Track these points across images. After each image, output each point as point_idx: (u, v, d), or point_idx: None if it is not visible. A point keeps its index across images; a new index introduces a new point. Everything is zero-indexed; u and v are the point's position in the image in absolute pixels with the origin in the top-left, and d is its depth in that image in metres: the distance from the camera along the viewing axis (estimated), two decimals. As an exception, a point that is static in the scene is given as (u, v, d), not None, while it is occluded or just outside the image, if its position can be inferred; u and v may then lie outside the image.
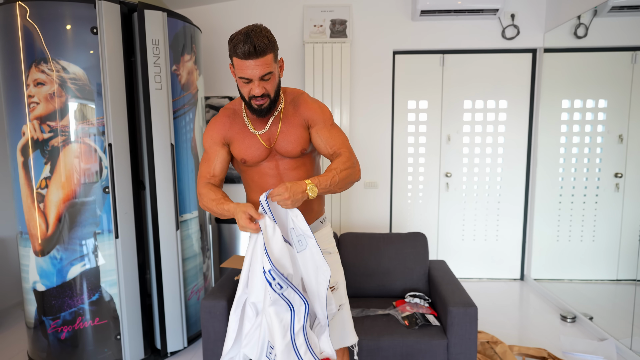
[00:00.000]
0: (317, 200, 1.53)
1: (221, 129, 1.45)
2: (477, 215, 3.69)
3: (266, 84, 1.31)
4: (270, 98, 1.34)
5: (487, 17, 3.38)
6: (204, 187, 1.42)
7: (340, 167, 1.34)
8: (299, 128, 1.43)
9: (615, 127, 3.13)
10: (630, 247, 2.97)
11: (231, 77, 3.57)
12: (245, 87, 1.31)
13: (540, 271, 3.55)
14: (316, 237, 1.52)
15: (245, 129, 1.44)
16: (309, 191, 1.27)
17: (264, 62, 1.26)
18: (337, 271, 1.55)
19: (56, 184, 2.09)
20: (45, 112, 2.06)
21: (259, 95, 1.30)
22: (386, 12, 3.46)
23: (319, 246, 1.33)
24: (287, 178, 1.46)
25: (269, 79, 1.30)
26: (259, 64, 1.26)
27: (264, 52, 1.25)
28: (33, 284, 2.18)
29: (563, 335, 2.67)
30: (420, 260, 2.38)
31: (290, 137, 1.42)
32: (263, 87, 1.30)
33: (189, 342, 2.51)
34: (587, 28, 3.06)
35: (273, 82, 1.33)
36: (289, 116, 1.43)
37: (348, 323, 1.56)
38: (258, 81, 1.29)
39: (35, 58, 2.03)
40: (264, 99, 1.32)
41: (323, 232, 1.57)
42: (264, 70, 1.27)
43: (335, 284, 1.52)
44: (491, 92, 3.56)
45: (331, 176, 1.31)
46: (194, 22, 2.59)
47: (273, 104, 1.36)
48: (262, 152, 1.43)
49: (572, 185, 3.35)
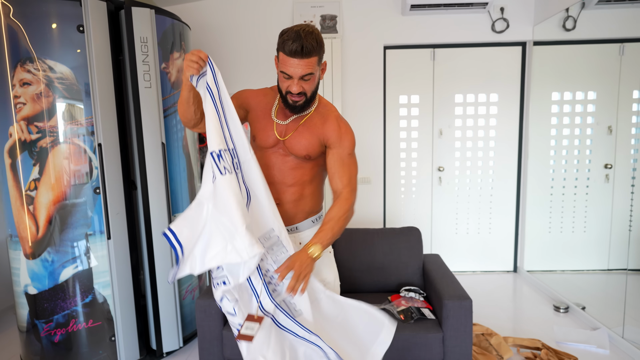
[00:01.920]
0: (309, 202, 1.53)
1: (251, 96, 1.52)
2: (469, 209, 3.72)
3: (305, 84, 1.35)
4: (306, 97, 1.38)
5: (477, 10, 3.39)
6: None
7: (338, 215, 1.41)
8: (315, 138, 1.45)
9: (605, 119, 3.17)
10: (621, 237, 3.02)
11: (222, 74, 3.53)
12: (284, 82, 1.35)
13: (533, 263, 3.59)
14: (303, 237, 1.52)
15: (269, 111, 1.49)
16: (315, 255, 1.34)
17: (308, 63, 1.30)
18: (326, 269, 1.54)
19: (46, 186, 2.06)
20: (33, 112, 2.02)
21: (296, 92, 1.34)
22: (376, 7, 3.45)
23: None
24: (286, 175, 1.48)
25: (309, 79, 1.34)
26: (302, 64, 1.29)
27: (310, 54, 1.29)
28: (24, 287, 2.15)
29: (556, 325, 2.70)
30: (414, 255, 2.39)
31: (302, 140, 1.45)
32: (301, 86, 1.34)
33: (185, 342, 2.50)
34: (576, 21, 3.08)
35: (312, 83, 1.37)
36: (312, 124, 1.45)
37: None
38: (298, 80, 1.32)
39: (20, 57, 1.99)
40: (300, 97, 1.37)
41: (313, 231, 1.52)
42: (306, 70, 1.31)
43: (323, 282, 1.50)
44: (482, 86, 3.57)
45: (331, 228, 1.39)
46: (182, 19, 2.56)
47: (308, 103, 1.40)
48: (272, 139, 1.47)
49: (563, 177, 3.39)
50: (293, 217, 1.51)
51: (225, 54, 3.52)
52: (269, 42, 3.49)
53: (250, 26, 3.49)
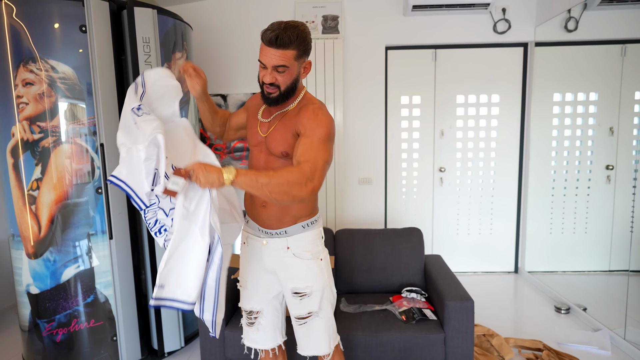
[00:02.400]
0: (295, 205, 1.44)
1: (250, 99, 1.61)
2: (471, 210, 3.72)
3: (278, 76, 1.34)
4: (280, 91, 1.36)
5: (479, 11, 3.39)
6: None
7: (283, 173, 1.23)
8: (288, 132, 1.40)
9: (606, 120, 3.16)
10: (622, 238, 3.02)
11: (224, 74, 3.55)
12: (260, 71, 1.37)
13: (534, 264, 3.59)
14: (291, 241, 1.46)
15: (258, 110, 1.53)
16: (224, 174, 1.18)
17: (283, 55, 1.30)
18: (313, 276, 1.47)
19: (48, 185, 2.06)
20: (35, 112, 2.03)
21: (268, 83, 1.34)
22: (378, 8, 3.45)
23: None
24: None
25: (283, 71, 1.33)
26: (277, 54, 1.30)
27: (285, 45, 1.29)
28: (26, 287, 2.15)
29: (558, 326, 2.70)
30: (416, 255, 2.39)
31: (277, 136, 1.43)
32: (275, 77, 1.34)
33: (186, 342, 2.50)
34: (578, 22, 3.08)
35: (287, 77, 1.35)
36: (289, 118, 1.42)
37: (317, 332, 1.51)
38: (271, 70, 1.33)
39: (23, 57, 1.99)
40: (273, 89, 1.36)
41: (302, 237, 1.47)
42: (279, 61, 1.30)
43: (308, 290, 1.47)
44: (483, 87, 3.57)
45: (262, 175, 1.21)
46: (184, 19, 2.56)
47: (283, 97, 1.38)
48: (256, 138, 1.50)
49: (565, 178, 3.38)
50: (280, 221, 1.45)
51: (226, 53, 3.52)
52: (270, 42, 3.49)
53: (251, 26, 3.49)
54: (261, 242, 1.51)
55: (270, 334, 1.60)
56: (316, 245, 1.51)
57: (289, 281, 1.50)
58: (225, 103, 3.54)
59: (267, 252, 1.51)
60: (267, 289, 1.58)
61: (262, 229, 1.50)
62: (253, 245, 1.55)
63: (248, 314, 1.60)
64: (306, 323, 1.51)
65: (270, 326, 1.60)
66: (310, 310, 1.50)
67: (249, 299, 1.59)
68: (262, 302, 1.58)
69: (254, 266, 1.56)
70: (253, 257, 1.56)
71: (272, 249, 1.50)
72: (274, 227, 1.48)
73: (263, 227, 1.50)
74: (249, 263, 1.57)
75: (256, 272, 1.56)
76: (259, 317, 1.59)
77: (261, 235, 1.51)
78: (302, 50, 1.33)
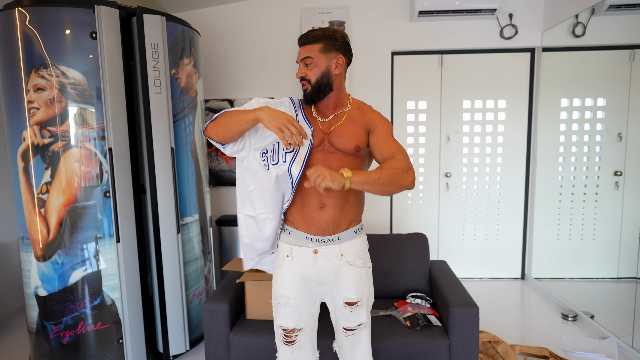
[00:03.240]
0: (354, 206, 1.48)
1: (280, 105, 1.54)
2: (477, 215, 3.70)
3: (307, 70, 1.43)
4: (311, 84, 1.43)
5: (485, 17, 3.39)
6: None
7: (388, 166, 1.29)
8: (360, 127, 1.46)
9: (615, 126, 3.14)
10: (631, 245, 2.98)
11: (231, 79, 3.58)
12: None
13: (541, 270, 3.56)
14: (344, 248, 1.46)
15: (309, 112, 1.52)
16: (345, 175, 1.21)
17: (309, 49, 1.42)
18: (364, 285, 1.48)
19: (57, 189, 2.10)
20: (46, 117, 2.06)
21: (298, 77, 1.45)
22: (384, 13, 3.47)
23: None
24: None
25: (310, 64, 1.42)
26: (304, 49, 1.43)
27: (312, 41, 1.41)
28: (35, 289, 2.18)
29: (564, 334, 2.67)
30: (421, 261, 2.39)
31: (349, 131, 1.44)
32: (304, 71, 1.43)
33: (191, 345, 2.52)
34: (585, 27, 3.07)
35: (314, 70, 1.42)
36: (354, 117, 1.48)
37: (363, 344, 1.52)
38: (301, 65, 1.44)
39: (35, 63, 2.03)
40: (305, 83, 1.44)
41: (354, 243, 1.48)
42: (305, 54, 1.42)
43: (359, 300, 1.47)
44: (490, 92, 3.56)
45: (373, 173, 1.25)
46: (192, 26, 2.60)
47: (315, 93, 1.44)
48: (317, 137, 1.46)
49: (572, 184, 3.36)
50: (337, 224, 1.45)
51: (234, 59, 3.56)
52: (277, 48, 3.52)
53: (259, 32, 3.52)
54: (311, 252, 1.46)
55: (310, 350, 1.55)
56: (365, 252, 1.53)
57: (342, 291, 1.46)
58: (232, 108, 3.57)
59: (319, 262, 1.46)
60: (311, 303, 1.52)
61: (312, 236, 1.45)
62: (300, 257, 1.47)
63: (288, 332, 1.50)
64: (354, 335, 1.50)
65: (309, 342, 1.54)
66: (361, 322, 1.49)
67: (291, 316, 1.49)
68: (305, 318, 1.51)
69: (299, 280, 1.48)
70: (300, 269, 1.48)
71: (324, 258, 1.45)
72: (328, 232, 1.45)
73: (315, 235, 1.45)
74: (294, 277, 1.48)
75: (302, 287, 1.49)
76: (300, 334, 1.51)
77: (310, 244, 1.46)
78: (330, 45, 1.41)
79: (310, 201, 1.44)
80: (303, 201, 1.45)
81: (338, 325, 1.53)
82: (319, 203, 1.43)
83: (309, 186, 1.23)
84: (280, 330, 1.52)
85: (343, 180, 1.20)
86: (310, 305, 1.52)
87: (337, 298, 1.48)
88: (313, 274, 1.48)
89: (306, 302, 1.50)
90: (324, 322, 1.86)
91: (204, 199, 2.69)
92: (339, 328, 1.52)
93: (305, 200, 1.45)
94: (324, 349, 1.86)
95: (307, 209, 1.45)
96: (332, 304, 1.53)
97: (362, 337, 1.51)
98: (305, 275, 1.48)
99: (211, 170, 3.63)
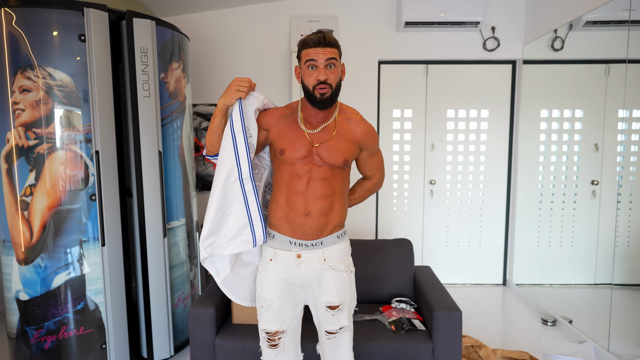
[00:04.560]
0: (338, 214, 1.52)
1: (268, 115, 1.53)
2: (460, 222, 3.77)
3: (329, 73, 1.38)
4: (332, 89, 1.40)
5: (469, 29, 3.49)
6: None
7: (364, 189, 1.72)
8: (350, 143, 1.49)
9: (591, 136, 3.25)
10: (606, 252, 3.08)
11: (219, 84, 3.59)
12: (311, 75, 1.39)
13: (521, 276, 3.64)
14: (327, 252, 1.50)
15: (295, 124, 1.50)
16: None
17: (331, 51, 1.38)
18: (346, 289, 1.51)
19: (41, 192, 2.07)
20: (31, 118, 2.04)
21: (323, 79, 1.37)
22: (372, 23, 3.54)
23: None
24: (317, 186, 1.47)
25: (333, 66, 1.39)
26: (326, 51, 1.37)
27: (331, 44, 1.38)
28: (16, 293, 2.14)
29: (544, 338, 2.74)
30: (406, 266, 2.43)
31: (339, 146, 1.46)
32: (327, 74, 1.38)
33: (176, 351, 2.49)
34: (564, 41, 3.19)
35: (335, 74, 1.41)
36: (343, 129, 1.49)
37: (344, 346, 1.54)
38: (323, 67, 1.37)
39: (20, 64, 2.01)
40: (327, 88, 1.38)
41: (337, 248, 1.52)
42: (330, 55, 1.37)
43: (341, 304, 1.49)
44: (473, 102, 3.66)
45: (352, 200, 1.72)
46: (181, 30, 2.61)
47: (333, 97, 1.42)
48: (304, 150, 1.46)
49: (551, 192, 3.46)
50: (321, 230, 1.48)
51: (222, 65, 3.57)
52: (265, 54, 3.55)
53: (247, 39, 3.55)
54: (294, 256, 1.48)
55: (293, 353, 1.56)
56: (348, 257, 1.56)
57: (324, 295, 1.48)
58: (219, 113, 3.57)
59: (302, 266, 1.48)
60: (294, 306, 1.54)
61: (296, 240, 1.48)
62: (283, 261, 1.49)
63: (272, 335, 1.52)
64: (335, 338, 1.52)
65: (292, 344, 1.56)
66: (342, 325, 1.51)
67: (274, 319, 1.51)
68: (288, 321, 1.52)
69: (282, 283, 1.50)
70: (283, 272, 1.50)
71: (307, 262, 1.48)
72: (312, 237, 1.47)
73: (299, 239, 1.48)
74: (277, 281, 1.50)
75: (285, 290, 1.51)
76: (284, 337, 1.53)
77: (293, 248, 1.49)
78: (340, 51, 1.43)
79: (296, 209, 1.47)
80: (289, 208, 1.48)
81: (320, 328, 1.55)
82: (304, 210, 1.46)
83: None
84: (264, 333, 1.54)
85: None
86: (293, 307, 1.54)
87: (320, 302, 1.50)
88: (296, 277, 1.50)
89: (289, 304, 1.52)
90: (309, 326, 1.87)
91: (191, 203, 2.69)
92: (321, 331, 1.55)
93: (292, 207, 1.47)
94: (308, 352, 1.87)
95: (293, 216, 1.47)
96: (314, 308, 1.55)
97: (343, 340, 1.54)
98: (288, 279, 1.50)
99: (198, 174, 3.62)
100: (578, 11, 2.91)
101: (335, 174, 1.49)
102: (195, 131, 3.59)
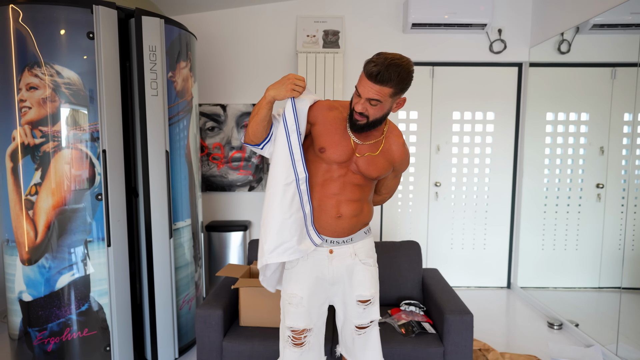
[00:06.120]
0: (367, 215, 1.57)
1: (317, 109, 1.49)
2: (465, 224, 3.76)
3: (370, 108, 1.36)
4: (367, 120, 1.39)
5: (476, 31, 3.48)
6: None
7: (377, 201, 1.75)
8: (388, 163, 1.52)
9: (597, 140, 3.24)
10: (611, 255, 3.07)
11: (225, 84, 3.57)
12: (355, 98, 1.39)
13: (526, 279, 3.63)
14: (357, 247, 1.54)
15: (343, 126, 1.47)
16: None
17: (379, 91, 1.31)
18: (375, 283, 1.56)
19: (46, 191, 2.04)
20: (38, 117, 2.01)
21: (358, 111, 1.37)
22: (378, 24, 3.52)
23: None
24: (346, 190, 1.50)
25: (375, 105, 1.35)
26: (374, 89, 1.31)
27: (384, 82, 1.29)
28: (19, 294, 2.10)
29: (551, 341, 2.73)
30: (414, 269, 2.41)
31: (378, 163, 1.49)
32: (366, 108, 1.36)
33: (180, 353, 2.46)
34: (570, 44, 3.18)
35: (378, 110, 1.37)
36: (387, 151, 1.52)
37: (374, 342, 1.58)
38: (365, 100, 1.34)
39: (28, 62, 1.98)
40: (362, 118, 1.38)
41: (365, 243, 1.57)
42: (374, 95, 1.32)
43: (372, 297, 1.53)
44: (479, 104, 3.65)
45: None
46: (189, 29, 2.58)
47: (368, 127, 1.42)
48: (346, 155, 1.46)
49: (556, 195, 3.45)
50: (352, 230, 1.53)
51: (229, 64, 3.55)
52: (271, 55, 3.53)
53: (253, 39, 3.53)
54: (326, 252, 1.51)
55: (317, 353, 1.56)
56: (374, 252, 1.61)
57: (355, 289, 1.51)
58: (224, 113, 3.55)
59: (334, 261, 1.51)
60: (322, 304, 1.55)
61: (328, 238, 1.51)
62: (315, 257, 1.52)
63: (298, 333, 1.51)
64: (365, 332, 1.54)
65: (317, 344, 1.56)
66: (373, 318, 1.54)
67: (302, 316, 1.50)
68: (315, 318, 1.53)
69: (313, 280, 1.51)
70: (314, 269, 1.52)
71: (339, 257, 1.52)
72: (343, 235, 1.52)
73: (330, 237, 1.51)
74: (308, 277, 1.51)
75: (315, 287, 1.52)
76: (310, 335, 1.52)
77: (324, 245, 1.52)
78: (400, 89, 1.34)
79: (328, 211, 1.49)
80: (321, 209, 1.49)
81: (348, 325, 1.56)
82: (336, 213, 1.48)
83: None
84: (289, 331, 1.52)
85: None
86: (320, 305, 1.55)
87: (350, 297, 1.52)
88: (328, 273, 1.51)
89: (317, 302, 1.53)
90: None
91: (196, 204, 2.66)
92: (350, 327, 1.55)
93: (323, 210, 1.49)
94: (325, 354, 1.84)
95: (325, 218, 1.49)
96: (342, 304, 1.56)
97: (372, 335, 1.56)
98: (319, 276, 1.52)
99: (202, 175, 3.59)
100: (586, 14, 2.90)
101: (367, 182, 1.53)
102: (200, 131, 3.56)
